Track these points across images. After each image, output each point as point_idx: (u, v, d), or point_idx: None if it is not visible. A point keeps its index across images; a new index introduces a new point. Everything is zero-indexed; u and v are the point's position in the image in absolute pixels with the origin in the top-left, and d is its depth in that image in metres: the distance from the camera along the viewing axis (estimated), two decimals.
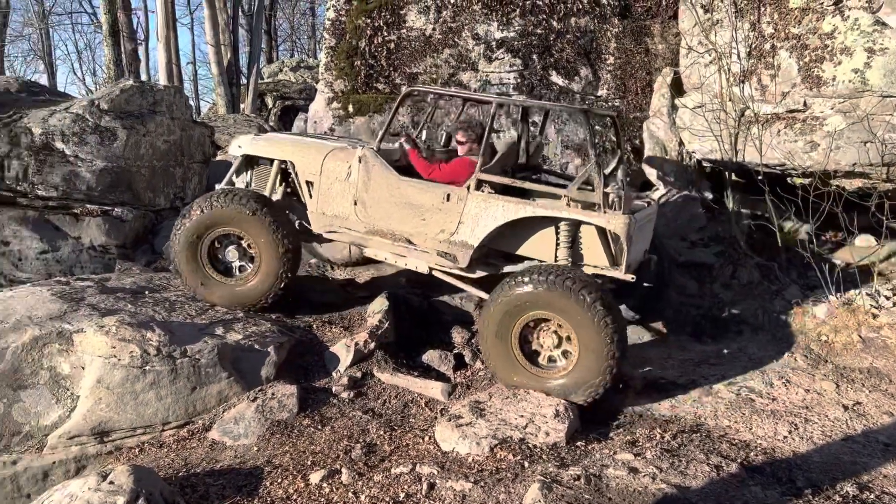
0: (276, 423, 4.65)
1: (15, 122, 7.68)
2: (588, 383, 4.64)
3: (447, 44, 8.11)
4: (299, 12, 33.91)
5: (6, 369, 4.69)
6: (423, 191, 5.34)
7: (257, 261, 5.60)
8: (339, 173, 5.59)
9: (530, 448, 4.16)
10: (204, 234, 5.57)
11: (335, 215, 5.65)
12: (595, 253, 5.14)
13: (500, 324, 4.80)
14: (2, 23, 25.24)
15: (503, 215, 5.09)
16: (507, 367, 4.85)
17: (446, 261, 5.35)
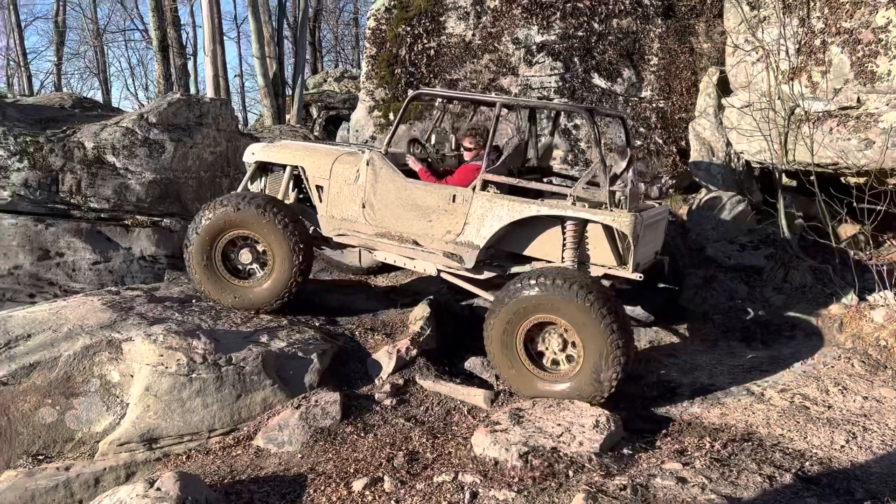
0: (319, 431, 4.66)
1: (69, 136, 7.92)
2: (591, 389, 4.60)
3: (487, 49, 8.09)
4: (343, 23, 34.36)
5: (59, 377, 4.81)
6: (429, 192, 5.35)
7: (270, 263, 5.64)
8: (347, 177, 5.63)
9: (561, 456, 4.07)
10: (218, 237, 5.64)
11: (344, 218, 5.69)
12: (602, 252, 5.09)
13: (504, 326, 4.79)
14: (59, 41, 26.21)
15: (508, 215, 5.07)
16: (512, 370, 4.86)
17: (453, 262, 5.35)
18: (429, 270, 5.57)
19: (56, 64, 26.52)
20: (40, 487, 4.43)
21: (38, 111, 8.98)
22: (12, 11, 23.55)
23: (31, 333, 5.11)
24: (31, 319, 5.29)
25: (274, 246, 5.57)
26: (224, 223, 5.59)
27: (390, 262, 5.75)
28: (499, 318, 4.81)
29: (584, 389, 4.62)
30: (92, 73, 31.18)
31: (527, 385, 4.83)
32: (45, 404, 4.77)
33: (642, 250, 5.10)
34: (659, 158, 8.19)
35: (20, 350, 4.94)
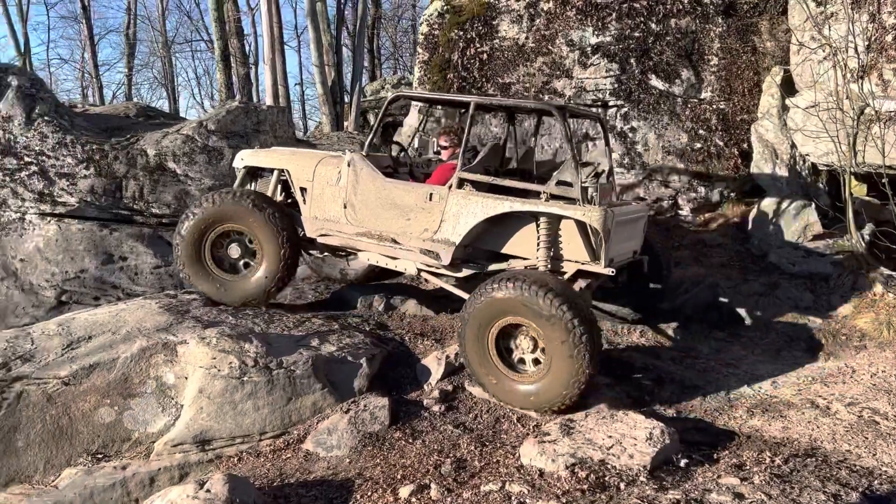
0: (367, 436, 4.65)
1: (132, 144, 8.18)
2: (556, 392, 4.60)
3: (540, 52, 7.99)
4: (401, 30, 34.64)
5: (117, 378, 4.94)
6: (407, 191, 5.46)
7: (259, 256, 5.78)
8: (330, 178, 5.75)
9: (609, 469, 3.94)
10: (207, 232, 5.78)
11: (327, 219, 5.80)
12: (576, 248, 5.14)
13: (476, 328, 4.82)
14: (129, 53, 27.21)
15: (482, 211, 5.15)
16: (483, 368, 4.87)
17: (430, 258, 5.42)
18: (409, 270, 5.67)
19: (127, 75, 27.56)
20: (98, 486, 4.54)
21: (104, 120, 9.31)
22: (85, 25, 24.57)
23: (92, 335, 5.27)
24: (92, 322, 5.46)
25: (262, 240, 5.71)
26: (214, 217, 5.74)
27: (373, 262, 5.86)
28: (470, 320, 4.85)
29: (549, 392, 4.63)
30: (160, 83, 32.26)
31: (498, 387, 4.85)
32: (104, 404, 4.89)
33: (616, 246, 5.16)
34: (719, 161, 7.95)
35: (81, 351, 5.09)
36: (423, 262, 5.54)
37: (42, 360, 5.03)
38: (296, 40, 31.74)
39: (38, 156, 8.19)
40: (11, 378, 4.87)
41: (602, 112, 8.03)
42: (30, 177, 8.16)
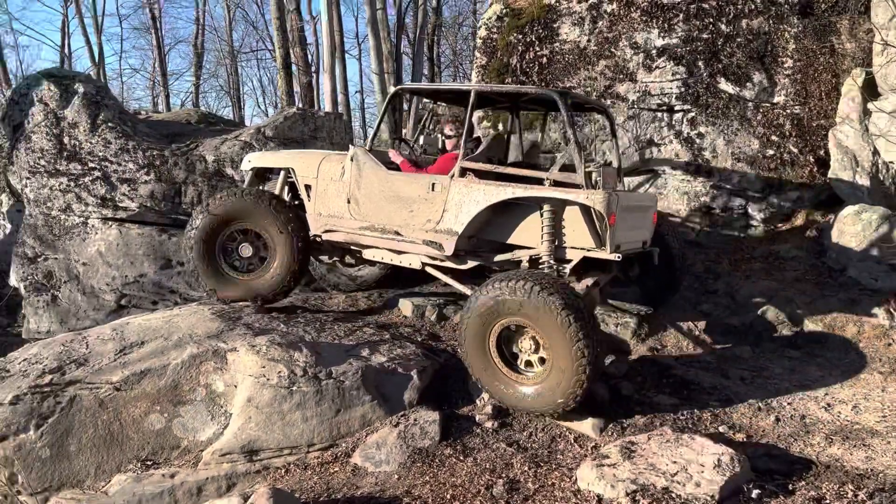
0: (417, 451, 4.49)
1: (191, 150, 8.25)
2: (556, 395, 4.48)
3: (603, 55, 7.71)
4: (461, 37, 34.60)
5: (167, 385, 4.90)
6: (409, 182, 5.43)
7: (270, 253, 5.81)
8: (333, 174, 5.77)
9: (674, 498, 3.65)
10: (219, 232, 5.81)
11: (331, 215, 5.79)
12: (581, 235, 5.04)
13: (476, 327, 4.71)
14: (197, 63, 27.95)
15: (485, 199, 5.08)
16: (485, 371, 4.76)
17: (433, 249, 5.34)
18: (414, 264, 5.62)
19: (195, 84, 28.28)
20: (147, 493, 4.50)
21: (165, 126, 9.45)
22: (154, 36, 25.34)
23: (145, 341, 5.26)
24: (145, 327, 5.46)
25: (274, 237, 5.73)
26: (227, 215, 5.78)
27: (378, 259, 5.82)
28: (471, 318, 4.72)
29: (549, 394, 4.51)
30: (225, 92, 33.02)
31: (498, 387, 4.73)
32: (155, 411, 4.86)
33: (623, 233, 5.06)
34: (793, 169, 7.51)
35: (133, 357, 5.08)
36: (427, 256, 5.48)
37: (95, 364, 5.04)
38: (356, 48, 32.07)
39: (102, 161, 8.35)
40: (65, 382, 4.89)
41: (668, 116, 7.70)
42: (93, 182, 8.31)
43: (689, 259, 7.18)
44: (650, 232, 5.72)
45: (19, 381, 4.88)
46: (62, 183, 8.51)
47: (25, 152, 8.96)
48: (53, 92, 8.99)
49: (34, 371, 4.97)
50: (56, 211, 8.57)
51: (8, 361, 5.19)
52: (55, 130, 8.72)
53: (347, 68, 19.49)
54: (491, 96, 5.90)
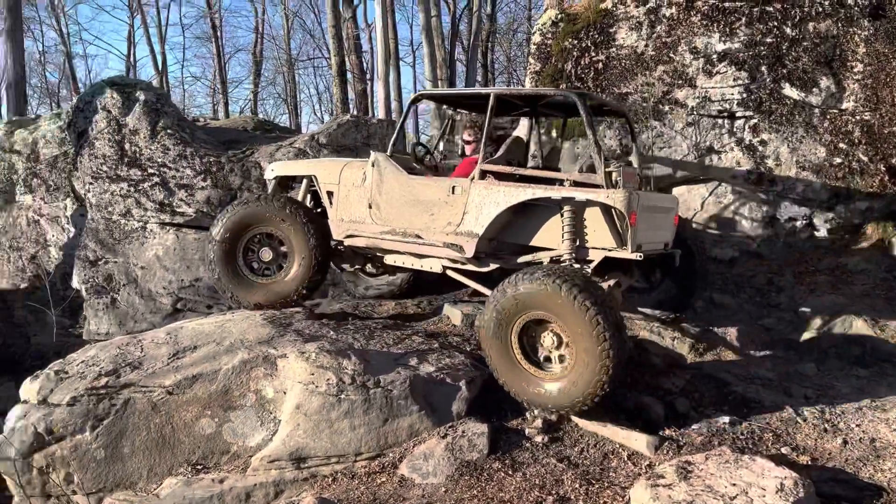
0: (465, 464, 4.40)
1: (247, 157, 8.37)
2: (578, 391, 4.46)
3: (661, 60, 7.52)
4: (516, 44, 34.48)
5: (218, 390, 4.93)
6: (429, 186, 5.47)
7: (290, 256, 5.84)
8: (355, 179, 5.82)
9: None
10: (241, 235, 5.88)
11: (353, 220, 5.84)
12: (602, 235, 5.04)
13: (499, 321, 4.70)
14: (256, 71, 28.55)
15: (505, 200, 5.10)
16: (506, 366, 4.75)
17: (454, 252, 5.37)
18: (435, 268, 5.62)
19: (253, 91, 28.90)
20: (196, 498, 4.54)
21: (222, 133, 9.63)
22: (214, 45, 25.98)
23: (197, 345, 5.31)
24: (198, 332, 5.51)
25: (294, 240, 5.78)
26: (248, 220, 5.85)
27: (399, 263, 5.83)
28: (493, 313, 4.72)
29: (571, 391, 4.50)
30: (283, 99, 33.64)
31: (520, 383, 4.72)
32: (205, 415, 4.90)
33: (644, 233, 5.04)
34: (863, 178, 7.18)
35: (186, 361, 5.13)
36: (448, 259, 5.51)
37: (149, 368, 5.10)
38: (411, 56, 32.26)
39: (160, 167, 8.54)
40: (120, 385, 4.97)
41: (729, 123, 7.47)
42: (152, 187, 8.52)
43: (750, 270, 6.95)
44: (672, 234, 5.70)
45: (77, 382, 4.98)
46: (123, 188, 8.75)
47: (89, 158, 9.25)
48: (116, 100, 9.26)
49: (91, 373, 5.06)
50: (116, 215, 8.81)
51: (67, 363, 5.30)
52: (117, 137, 8.98)
53: (402, 75, 19.62)
54: (510, 100, 5.89)
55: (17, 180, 10.35)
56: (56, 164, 9.98)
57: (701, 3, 7.45)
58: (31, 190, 10.19)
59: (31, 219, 10.17)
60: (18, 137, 10.45)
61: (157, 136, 8.74)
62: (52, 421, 4.79)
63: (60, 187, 9.94)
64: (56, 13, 27.11)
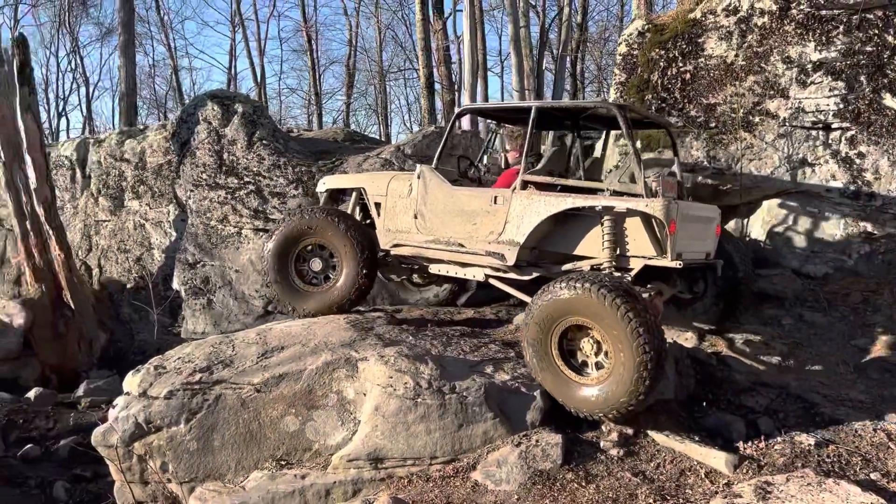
0: (538, 473, 4.44)
1: (336, 166, 8.68)
2: (616, 397, 4.50)
3: (751, 70, 7.32)
4: (606, 53, 34.07)
5: (303, 389, 5.15)
6: (473, 197, 5.66)
7: (339, 267, 6.07)
8: (401, 191, 6.04)
9: None
10: (293, 246, 6.14)
11: (399, 230, 6.04)
12: (642, 244, 5.11)
13: (539, 327, 4.78)
14: (349, 83, 29.36)
15: (545, 210, 5.22)
16: (546, 372, 4.83)
17: (495, 260, 5.48)
18: (477, 277, 5.76)
19: (346, 103, 29.74)
20: (280, 492, 4.76)
21: (314, 144, 10.01)
22: (309, 57, 26.91)
23: (285, 346, 5.56)
24: (286, 333, 5.78)
25: (342, 253, 6.00)
26: (299, 232, 6.10)
27: (443, 273, 5.98)
28: (533, 319, 4.81)
29: (609, 397, 4.54)
30: (373, 110, 34.44)
31: (561, 388, 4.79)
32: (290, 413, 5.12)
33: (684, 242, 5.06)
34: None
35: (273, 361, 5.38)
36: (490, 267, 5.63)
37: (240, 366, 5.39)
38: (499, 66, 32.38)
39: (256, 176, 8.97)
40: (213, 381, 5.27)
41: (824, 135, 7.18)
42: (247, 195, 8.95)
43: (844, 288, 6.66)
44: (714, 244, 5.70)
45: (173, 377, 5.32)
46: (220, 195, 9.24)
47: (190, 167, 9.81)
48: (216, 111, 9.79)
49: (187, 369, 5.39)
50: (214, 221, 9.31)
51: (165, 359, 5.66)
52: (216, 147, 9.49)
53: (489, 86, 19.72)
54: (552, 112, 6.04)
55: (126, 187, 11.09)
56: (161, 172, 10.64)
57: (796, 12, 7.21)
58: (138, 196, 10.89)
59: (138, 223, 10.86)
60: (128, 147, 11.21)
61: (253, 147, 9.19)
62: (151, 412, 5.13)
63: (164, 194, 10.59)
64: (165, 29, 28.79)
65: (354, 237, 5.98)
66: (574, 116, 6.26)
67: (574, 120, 6.35)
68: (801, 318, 6.60)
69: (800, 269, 7.23)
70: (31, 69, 9.25)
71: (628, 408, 4.50)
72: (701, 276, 6.07)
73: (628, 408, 4.50)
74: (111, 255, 10.97)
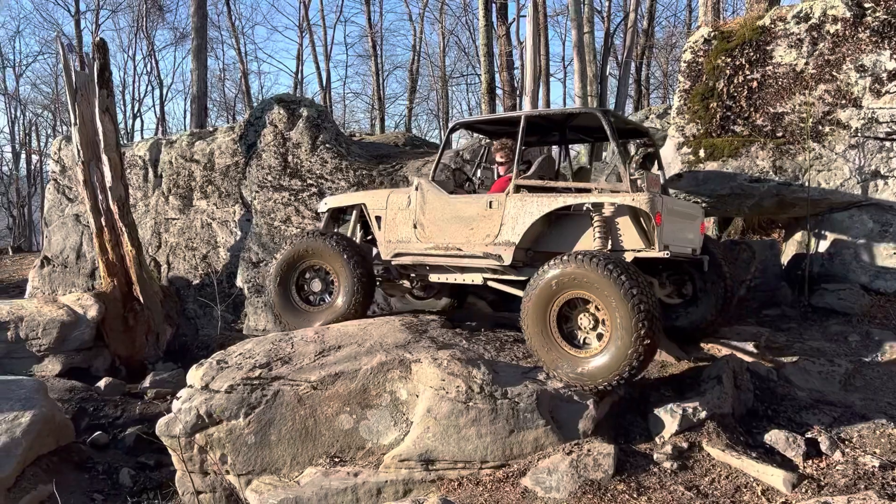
0: (588, 482, 4.42)
1: (396, 171, 8.79)
2: (613, 364, 4.73)
3: (822, 79, 7.11)
4: (673, 59, 33.46)
5: (357, 388, 5.25)
6: (469, 203, 5.94)
7: (336, 286, 6.39)
8: (400, 204, 6.35)
9: None
10: (293, 268, 6.49)
11: (399, 240, 6.33)
12: (631, 238, 5.36)
13: (540, 302, 5.02)
14: (411, 88, 29.64)
15: (538, 209, 5.50)
16: (546, 349, 5.05)
17: (492, 261, 5.73)
18: (476, 280, 6.07)
19: (408, 107, 30.01)
20: (333, 488, 4.85)
21: (375, 148, 10.16)
22: (374, 62, 27.29)
23: (341, 345, 5.68)
24: (343, 332, 5.90)
25: (338, 271, 6.31)
26: (299, 255, 6.43)
27: (443, 279, 6.26)
28: (534, 295, 5.05)
29: (606, 367, 4.77)
30: (434, 115, 34.70)
31: (557, 362, 5.00)
32: (344, 411, 5.22)
33: (671, 235, 5.34)
34: None
35: (330, 359, 5.50)
36: (488, 269, 5.90)
37: (298, 363, 5.52)
38: (561, 71, 32.18)
39: (318, 178, 9.17)
40: (271, 377, 5.41)
41: None
42: (310, 197, 9.15)
43: None
44: (699, 241, 5.97)
45: (234, 372, 5.49)
46: (284, 197, 9.47)
47: (256, 168, 10.09)
48: (282, 115, 10.04)
49: (247, 364, 5.55)
50: (278, 222, 9.54)
51: (227, 354, 5.84)
52: (281, 149, 9.73)
53: (551, 91, 19.66)
54: (540, 121, 6.33)
55: (195, 186, 11.47)
56: (228, 173, 10.96)
57: (871, 20, 6.97)
58: (206, 196, 11.25)
59: (205, 222, 11.22)
60: (198, 148, 11.58)
61: (316, 150, 9.39)
62: (212, 405, 5.29)
63: (231, 194, 10.91)
64: (236, 34, 29.61)
65: (350, 259, 6.26)
66: (562, 125, 6.54)
67: (562, 130, 6.64)
68: (869, 335, 6.38)
69: (869, 284, 6.99)
70: (110, 72, 9.63)
71: (629, 371, 4.71)
72: (689, 278, 6.24)
73: (629, 371, 4.71)
74: (179, 252, 11.35)
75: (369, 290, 6.39)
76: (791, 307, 7.24)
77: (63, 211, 12.49)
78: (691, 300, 6.23)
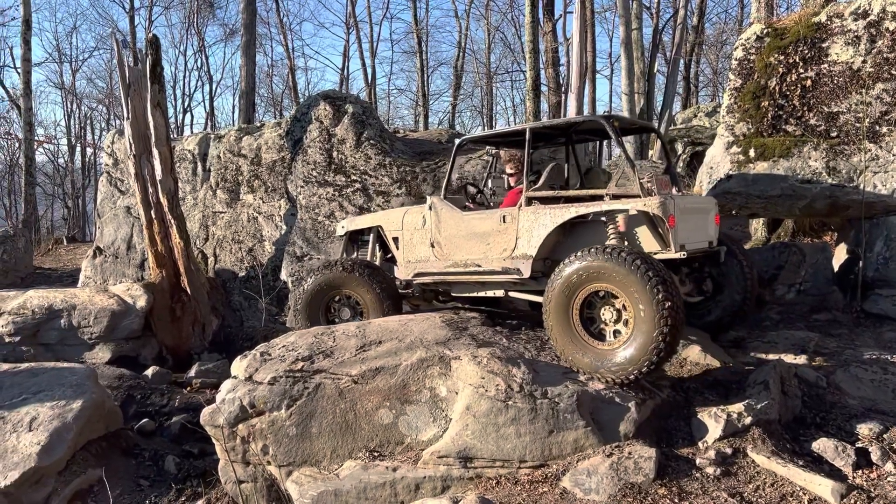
0: (628, 486, 4.36)
1: (439, 167, 8.80)
2: (636, 357, 4.74)
3: (881, 77, 6.87)
4: (724, 56, 32.77)
5: (397, 383, 5.28)
6: (483, 219, 6.03)
7: (365, 313, 6.59)
8: (416, 224, 6.49)
9: None
10: (324, 296, 6.70)
11: (418, 260, 6.47)
12: (645, 241, 5.37)
13: (563, 295, 5.05)
14: (456, 84, 29.65)
15: (552, 221, 5.57)
16: (568, 341, 5.08)
17: (512, 275, 5.81)
18: (498, 293, 6.17)
19: (452, 104, 30.05)
20: (372, 482, 4.89)
21: (419, 145, 10.18)
22: (418, 59, 27.36)
23: (382, 340, 5.72)
24: (384, 328, 5.94)
25: (365, 298, 6.55)
26: (326, 285, 6.67)
27: (465, 295, 6.38)
28: (557, 289, 5.08)
29: (629, 359, 4.77)
30: (478, 111, 34.66)
31: (579, 356, 5.04)
32: (384, 406, 5.26)
33: (685, 233, 5.33)
34: None
35: (371, 354, 5.54)
36: (506, 280, 5.95)
37: (339, 357, 5.58)
38: (608, 68, 31.83)
39: (362, 175, 9.23)
40: (313, 370, 5.47)
41: None
42: (353, 192, 9.23)
43: None
44: (715, 232, 5.93)
45: (277, 364, 5.57)
46: (329, 192, 9.56)
47: (302, 164, 10.21)
48: (328, 111, 10.13)
49: (290, 357, 5.63)
50: (322, 217, 9.64)
51: (271, 346, 5.93)
52: (327, 145, 9.83)
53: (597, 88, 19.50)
54: (545, 132, 6.34)
55: (242, 181, 11.66)
56: (274, 168, 11.12)
57: None
58: (253, 190, 11.44)
59: (251, 215, 11.40)
60: (245, 143, 11.78)
61: (360, 146, 9.46)
62: (255, 397, 5.38)
63: (277, 188, 11.07)
64: (283, 30, 30.01)
65: (376, 285, 6.46)
66: (566, 132, 6.57)
67: (567, 135, 6.66)
68: None
69: None
70: (162, 68, 9.85)
71: (645, 369, 4.72)
72: (708, 274, 6.21)
73: (645, 369, 4.72)
74: (226, 245, 11.56)
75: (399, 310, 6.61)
76: (842, 312, 7.04)
77: (115, 203, 12.83)
78: (713, 294, 6.20)
